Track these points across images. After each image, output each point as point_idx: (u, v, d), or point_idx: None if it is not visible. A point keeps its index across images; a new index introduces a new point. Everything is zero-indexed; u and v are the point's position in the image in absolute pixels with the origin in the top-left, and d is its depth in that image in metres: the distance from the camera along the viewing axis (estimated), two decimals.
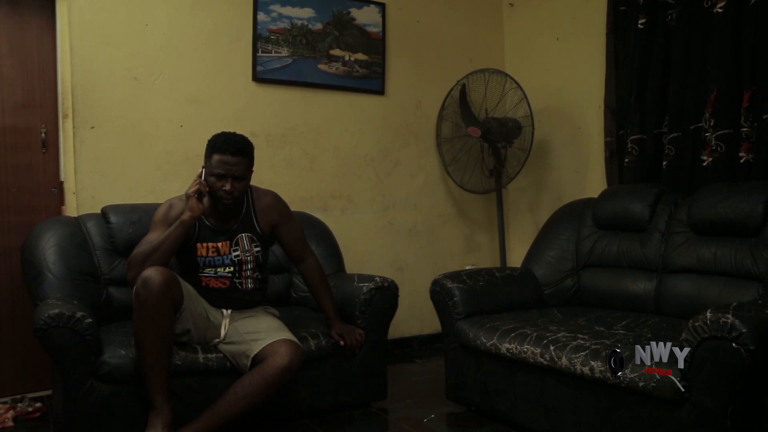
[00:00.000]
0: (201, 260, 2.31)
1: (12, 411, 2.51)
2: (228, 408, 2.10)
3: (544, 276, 2.80)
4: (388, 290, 2.59)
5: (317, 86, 3.38)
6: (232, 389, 2.12)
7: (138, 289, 2.04)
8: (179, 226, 2.22)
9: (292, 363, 2.13)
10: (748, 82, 2.57)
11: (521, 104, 3.39)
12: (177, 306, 2.13)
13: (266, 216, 2.41)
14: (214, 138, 2.31)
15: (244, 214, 2.38)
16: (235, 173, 2.25)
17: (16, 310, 2.73)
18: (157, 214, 2.33)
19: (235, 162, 2.25)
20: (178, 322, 2.16)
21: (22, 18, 2.79)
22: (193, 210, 2.23)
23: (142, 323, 2.04)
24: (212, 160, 2.26)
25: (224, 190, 2.24)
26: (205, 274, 2.32)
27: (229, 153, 2.24)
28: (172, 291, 2.08)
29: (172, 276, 2.10)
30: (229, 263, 2.33)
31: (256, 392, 2.10)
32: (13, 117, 2.77)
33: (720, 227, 2.34)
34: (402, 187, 3.64)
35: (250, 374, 2.14)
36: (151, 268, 2.08)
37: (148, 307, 2.03)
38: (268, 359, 2.13)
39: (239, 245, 2.34)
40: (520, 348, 2.17)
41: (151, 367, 2.05)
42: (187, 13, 3.06)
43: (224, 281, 2.33)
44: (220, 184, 2.24)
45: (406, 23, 3.65)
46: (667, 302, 2.44)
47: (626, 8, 3.08)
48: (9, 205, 2.76)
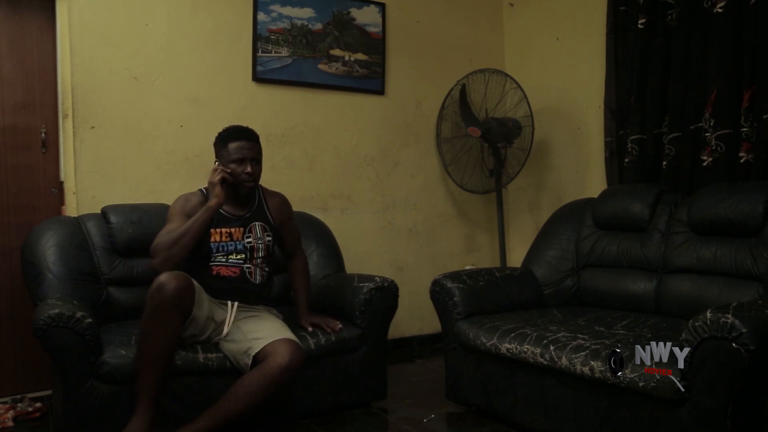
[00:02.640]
0: (214, 246, 2.36)
1: (12, 411, 2.51)
2: (228, 407, 2.11)
3: (544, 276, 2.80)
4: (388, 290, 2.59)
5: (317, 86, 3.38)
6: (232, 388, 2.13)
7: (152, 292, 2.07)
8: (206, 212, 2.31)
9: (292, 362, 2.13)
10: (748, 82, 2.57)
11: (521, 104, 3.39)
12: (187, 313, 2.15)
13: (277, 211, 2.53)
14: (225, 131, 2.44)
15: (257, 205, 2.48)
16: (253, 155, 2.39)
17: (16, 310, 2.73)
18: (174, 207, 2.40)
19: (251, 146, 2.40)
20: (186, 328, 2.17)
21: (22, 18, 2.79)
22: (219, 197, 2.32)
23: (148, 325, 2.07)
24: (228, 149, 2.37)
25: (246, 173, 2.36)
26: (217, 263, 2.36)
27: (244, 138, 2.40)
28: (184, 300, 2.11)
29: (187, 282, 2.12)
30: (242, 249, 2.38)
31: (256, 391, 2.11)
32: (13, 117, 2.77)
33: (720, 227, 2.34)
34: (402, 187, 3.64)
35: (250, 373, 2.14)
36: (167, 273, 2.10)
37: (159, 312, 2.06)
38: (269, 359, 2.13)
39: (252, 232, 2.42)
40: (520, 348, 2.17)
41: (144, 368, 2.06)
42: (187, 13, 3.05)
43: (235, 270, 2.36)
44: (241, 168, 2.36)
45: (406, 23, 3.64)
46: (667, 302, 2.44)
47: (626, 8, 3.07)
48: (9, 205, 2.76)
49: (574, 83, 3.50)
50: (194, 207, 2.37)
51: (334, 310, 2.63)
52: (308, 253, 2.92)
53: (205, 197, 2.43)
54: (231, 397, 2.12)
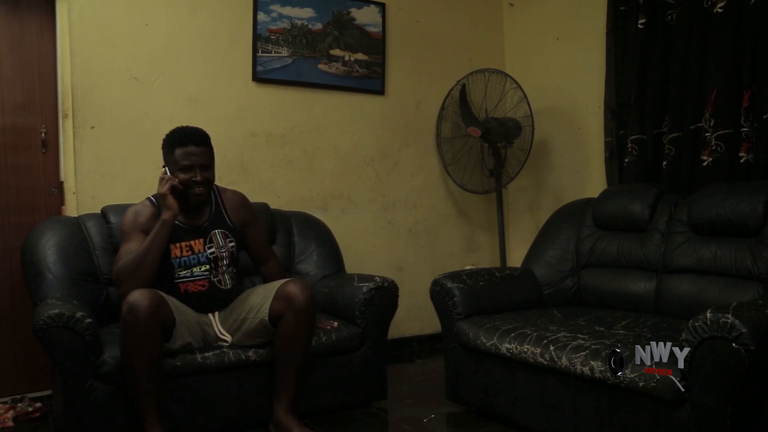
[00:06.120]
0: (175, 261, 2.26)
1: (12, 411, 2.51)
2: (290, 367, 2.19)
3: (544, 276, 2.80)
4: (388, 290, 2.59)
5: (317, 86, 3.37)
6: (277, 351, 2.21)
7: (124, 316, 1.99)
8: (162, 228, 2.18)
9: (305, 293, 2.18)
10: (748, 82, 2.57)
11: (521, 104, 3.39)
12: (168, 326, 2.09)
13: (237, 213, 2.42)
14: (171, 134, 2.29)
15: (215, 211, 2.37)
16: (202, 162, 2.25)
17: (16, 310, 2.73)
18: (125, 224, 2.27)
19: (200, 151, 2.25)
20: (176, 339, 2.14)
21: (22, 18, 2.79)
22: (173, 207, 2.20)
23: (129, 348, 2.01)
24: (175, 155, 2.23)
25: (194, 181, 2.23)
26: (182, 279, 2.27)
27: (192, 144, 2.25)
28: (160, 313, 2.04)
29: (159, 298, 2.05)
30: (205, 261, 2.30)
31: (301, 337, 2.19)
32: (13, 117, 2.77)
33: (720, 227, 2.34)
34: (402, 187, 3.64)
35: (279, 338, 2.20)
36: (136, 292, 2.01)
37: (136, 333, 1.98)
38: (285, 312, 2.17)
39: (213, 242, 2.33)
40: (520, 348, 2.17)
41: (141, 392, 2.03)
42: (187, 13, 3.05)
43: (203, 283, 2.29)
44: (189, 176, 2.23)
45: (406, 23, 3.64)
46: (667, 302, 2.44)
47: (626, 8, 3.07)
48: (9, 205, 2.76)
49: (574, 83, 3.50)
50: (147, 221, 2.24)
51: (333, 310, 2.63)
52: (308, 253, 2.92)
53: (156, 208, 2.29)
54: (287, 359, 2.18)
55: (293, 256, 2.92)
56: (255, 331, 2.26)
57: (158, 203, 2.28)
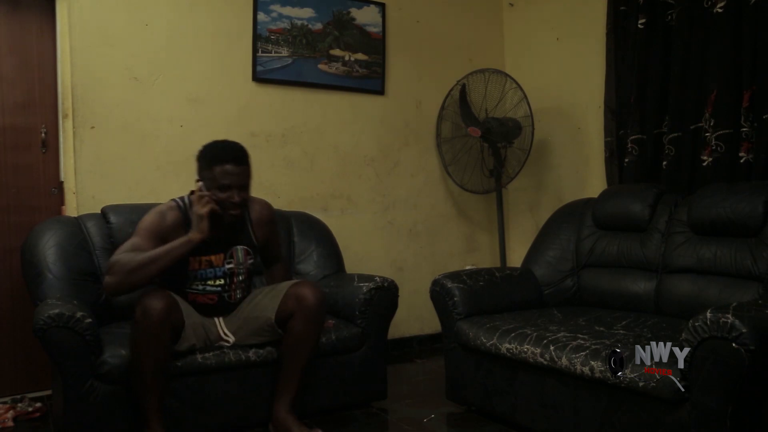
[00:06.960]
0: (192, 274, 2.22)
1: (12, 411, 2.51)
2: (295, 367, 2.20)
3: (544, 276, 2.80)
4: (388, 290, 2.59)
5: (317, 86, 3.37)
6: (284, 350, 2.21)
7: (138, 317, 1.99)
8: (185, 246, 2.09)
9: (317, 295, 2.19)
10: (748, 82, 2.57)
11: (521, 104, 3.39)
12: (178, 328, 2.10)
13: (262, 229, 2.37)
14: (211, 149, 2.19)
15: (241, 226, 2.30)
16: (241, 182, 2.15)
17: (16, 310, 2.73)
18: (146, 221, 2.17)
19: (240, 171, 2.15)
20: (183, 342, 2.14)
21: (22, 18, 2.79)
22: (204, 233, 2.10)
23: (139, 349, 2.02)
24: (214, 173, 2.13)
25: (232, 202, 2.14)
26: (193, 290, 2.25)
27: (234, 163, 2.14)
28: (172, 317, 2.04)
29: (172, 302, 2.05)
30: (221, 275, 2.26)
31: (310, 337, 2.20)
32: (13, 117, 2.76)
33: (720, 227, 2.34)
34: (402, 187, 3.64)
35: (287, 336, 2.20)
36: (151, 295, 2.00)
37: (147, 335, 1.99)
38: (296, 312, 2.18)
39: (234, 258, 2.28)
40: (520, 348, 2.17)
41: (147, 391, 2.04)
42: (187, 13, 3.05)
43: (212, 297, 2.27)
44: (226, 195, 2.13)
45: (406, 23, 3.64)
46: (667, 302, 2.44)
47: (626, 8, 3.08)
48: (9, 205, 2.76)
49: (574, 83, 3.50)
50: (171, 228, 2.15)
51: (333, 310, 2.62)
52: (308, 253, 2.92)
53: (181, 213, 2.20)
54: (293, 359, 2.18)
55: (293, 256, 2.91)
56: (259, 330, 2.26)
57: (185, 208, 2.21)
